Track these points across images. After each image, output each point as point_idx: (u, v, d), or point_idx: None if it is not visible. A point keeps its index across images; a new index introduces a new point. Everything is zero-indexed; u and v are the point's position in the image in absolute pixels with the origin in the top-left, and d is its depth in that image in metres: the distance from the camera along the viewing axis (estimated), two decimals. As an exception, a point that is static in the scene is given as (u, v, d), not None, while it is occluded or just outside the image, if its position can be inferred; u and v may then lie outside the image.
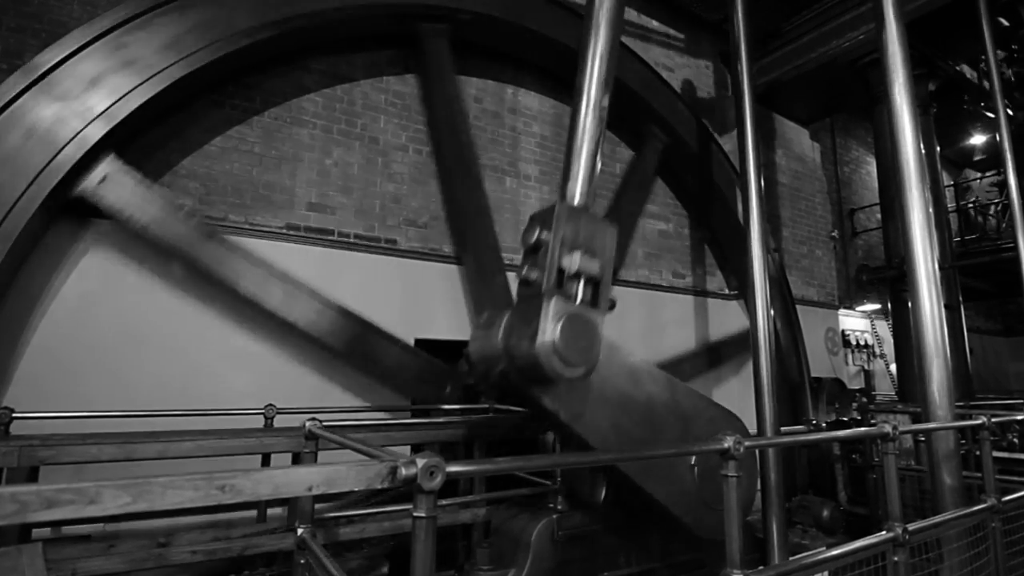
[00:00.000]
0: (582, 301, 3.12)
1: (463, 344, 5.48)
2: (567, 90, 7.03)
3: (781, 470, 4.80)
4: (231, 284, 4.52)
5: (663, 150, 7.46)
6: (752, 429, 4.74)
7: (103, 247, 4.45)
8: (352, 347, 4.89)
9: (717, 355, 7.75)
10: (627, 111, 7.12)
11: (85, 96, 3.99)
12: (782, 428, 5.24)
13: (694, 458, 3.66)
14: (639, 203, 7.51)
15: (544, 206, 3.68)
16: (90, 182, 4.11)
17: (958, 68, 8.97)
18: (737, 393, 7.34)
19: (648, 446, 3.48)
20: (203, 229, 4.50)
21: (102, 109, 4.04)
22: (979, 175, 12.02)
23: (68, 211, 4.23)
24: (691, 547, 4.08)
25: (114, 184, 4.19)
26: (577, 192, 3.35)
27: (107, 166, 4.17)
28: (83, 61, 3.99)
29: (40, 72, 3.85)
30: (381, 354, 5.01)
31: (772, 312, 5.53)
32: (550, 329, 2.91)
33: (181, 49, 4.31)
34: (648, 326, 7.19)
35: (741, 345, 7.55)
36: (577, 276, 3.12)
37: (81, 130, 3.96)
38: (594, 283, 3.18)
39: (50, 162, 3.86)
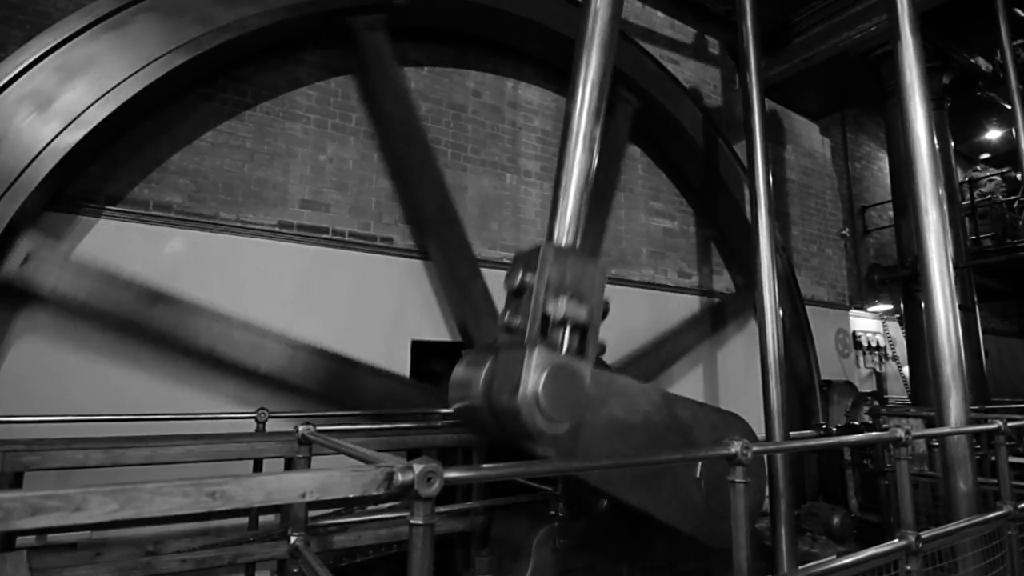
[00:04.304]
0: (568, 350, 2.94)
1: (464, 346, 5.43)
2: (568, 83, 6.93)
3: (790, 476, 4.72)
4: (190, 344, 4.17)
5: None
6: (760, 433, 4.63)
7: (34, 334, 4.01)
8: (331, 386, 4.58)
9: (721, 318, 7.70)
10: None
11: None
12: (791, 433, 5.15)
13: (699, 470, 3.50)
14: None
15: (531, 247, 3.20)
16: (12, 263, 3.66)
17: (973, 61, 8.75)
18: (743, 389, 7.19)
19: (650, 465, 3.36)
20: (148, 292, 4.08)
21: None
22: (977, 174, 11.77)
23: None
24: (696, 555, 3.98)
25: (41, 262, 3.73)
26: (565, 231, 3.13)
27: (29, 242, 3.72)
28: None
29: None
30: (364, 387, 4.69)
31: (781, 313, 5.42)
32: (532, 382, 2.72)
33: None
34: (653, 328, 7.04)
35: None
36: (563, 323, 2.93)
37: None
38: (582, 330, 2.99)
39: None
